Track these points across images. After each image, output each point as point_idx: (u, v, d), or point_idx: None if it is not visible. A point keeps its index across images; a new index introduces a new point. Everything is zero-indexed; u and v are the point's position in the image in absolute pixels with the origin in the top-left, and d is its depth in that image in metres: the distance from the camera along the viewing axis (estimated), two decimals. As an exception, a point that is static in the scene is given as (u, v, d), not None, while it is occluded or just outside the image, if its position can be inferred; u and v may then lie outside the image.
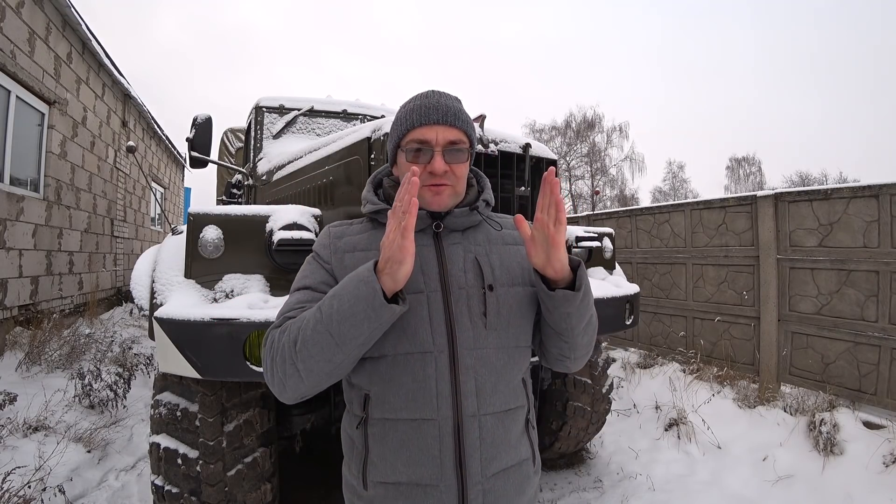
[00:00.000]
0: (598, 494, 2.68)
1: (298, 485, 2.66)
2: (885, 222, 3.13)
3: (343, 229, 0.98)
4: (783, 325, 3.74)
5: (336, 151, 2.36)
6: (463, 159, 0.90)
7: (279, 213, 1.81)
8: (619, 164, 25.71)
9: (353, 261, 0.90)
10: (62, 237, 5.70)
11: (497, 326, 0.88)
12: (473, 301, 0.88)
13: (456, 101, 0.93)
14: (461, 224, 0.94)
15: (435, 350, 0.84)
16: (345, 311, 0.76)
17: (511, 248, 0.97)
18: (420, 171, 0.84)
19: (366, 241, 0.93)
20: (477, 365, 0.85)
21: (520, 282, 0.93)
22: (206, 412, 1.76)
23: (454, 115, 0.89)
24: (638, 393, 4.03)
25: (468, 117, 0.92)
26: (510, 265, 0.94)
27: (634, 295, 2.55)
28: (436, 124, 0.87)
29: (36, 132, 5.27)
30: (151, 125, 10.07)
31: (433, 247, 0.91)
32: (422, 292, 0.87)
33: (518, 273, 0.94)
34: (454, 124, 0.88)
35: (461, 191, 0.94)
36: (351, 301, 0.76)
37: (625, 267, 5.22)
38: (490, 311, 0.88)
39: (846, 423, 2.88)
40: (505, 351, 0.89)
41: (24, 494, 2.11)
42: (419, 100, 0.91)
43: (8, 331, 4.40)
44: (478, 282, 0.89)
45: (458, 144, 0.89)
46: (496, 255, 0.94)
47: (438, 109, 0.88)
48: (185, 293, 1.69)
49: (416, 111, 0.89)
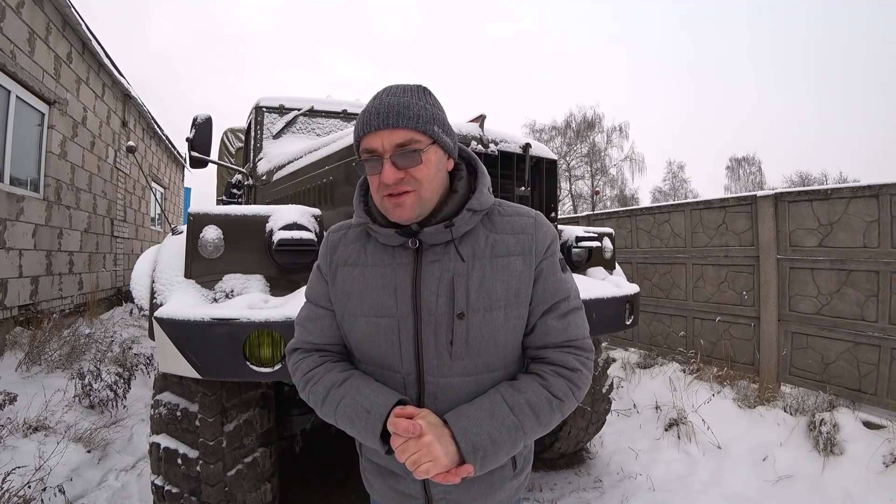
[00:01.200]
0: (598, 494, 2.68)
1: (298, 485, 2.66)
2: (885, 222, 3.13)
3: (339, 237, 0.97)
4: (783, 325, 3.74)
5: (336, 151, 2.36)
6: (418, 161, 0.80)
7: (279, 213, 1.81)
8: (619, 164, 25.72)
9: (342, 278, 0.92)
10: (62, 237, 5.70)
11: (464, 355, 0.84)
12: (441, 329, 0.84)
13: (409, 94, 0.82)
14: (439, 239, 0.85)
15: (403, 372, 0.87)
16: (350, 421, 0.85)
17: (499, 263, 0.86)
18: (377, 183, 0.82)
19: (356, 255, 0.92)
20: (438, 393, 0.86)
21: (501, 304, 0.85)
22: (206, 412, 1.76)
23: (397, 114, 0.79)
24: (638, 393, 4.03)
25: (422, 110, 0.81)
26: (491, 286, 0.85)
27: (634, 295, 2.55)
28: (378, 129, 0.79)
29: (36, 132, 5.27)
30: (151, 125, 10.07)
31: (411, 265, 0.86)
32: (393, 317, 0.86)
33: (500, 294, 0.85)
34: (397, 125, 0.79)
35: (431, 195, 0.84)
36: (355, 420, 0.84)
37: (625, 267, 5.22)
38: (457, 341, 0.84)
39: (846, 423, 2.88)
40: (472, 378, 0.86)
41: (24, 494, 2.11)
42: (367, 105, 0.83)
43: (8, 331, 4.39)
44: (448, 308, 0.84)
45: (409, 145, 0.79)
46: (478, 272, 0.85)
47: (380, 113, 0.80)
48: (185, 293, 1.69)
49: (361, 119, 0.82)
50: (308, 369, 0.92)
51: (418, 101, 0.82)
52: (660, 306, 4.91)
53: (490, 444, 0.78)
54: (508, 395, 0.83)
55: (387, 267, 0.88)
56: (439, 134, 0.83)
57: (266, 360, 1.56)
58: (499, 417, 0.80)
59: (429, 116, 0.81)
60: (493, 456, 0.79)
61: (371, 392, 0.84)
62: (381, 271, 0.88)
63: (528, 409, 0.81)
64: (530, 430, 0.82)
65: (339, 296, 0.92)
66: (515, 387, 0.84)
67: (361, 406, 0.83)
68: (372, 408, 0.82)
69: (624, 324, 2.46)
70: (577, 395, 0.87)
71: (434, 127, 0.82)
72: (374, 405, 0.82)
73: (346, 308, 0.91)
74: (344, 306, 0.91)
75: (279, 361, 1.56)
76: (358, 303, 0.89)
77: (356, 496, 2.58)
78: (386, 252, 0.89)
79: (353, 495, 2.59)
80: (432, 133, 0.81)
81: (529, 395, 0.83)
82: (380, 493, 0.97)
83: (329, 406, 0.86)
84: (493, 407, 0.81)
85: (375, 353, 0.89)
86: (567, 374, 0.86)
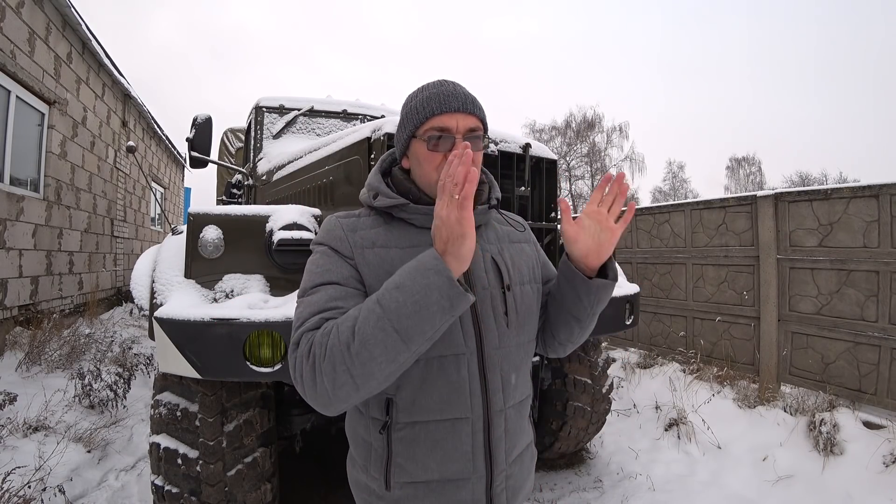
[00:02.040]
0: (598, 494, 2.68)
1: (298, 485, 2.66)
2: (885, 222, 3.13)
3: (353, 222, 0.91)
4: (783, 325, 3.74)
5: (336, 151, 2.36)
6: (481, 147, 0.89)
7: (279, 213, 1.81)
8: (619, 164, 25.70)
9: (377, 258, 0.85)
10: (62, 237, 5.70)
11: (516, 324, 0.91)
12: (496, 301, 0.89)
13: (469, 90, 0.93)
14: (477, 221, 0.91)
15: (467, 352, 0.86)
16: (416, 303, 0.70)
17: (516, 247, 0.99)
18: (439, 161, 0.85)
19: (384, 237, 0.88)
20: (502, 363, 0.89)
21: (528, 279, 0.96)
22: (206, 412, 1.76)
23: (472, 102, 0.88)
24: (638, 393, 4.03)
25: (482, 105, 0.92)
26: (519, 264, 0.96)
27: (634, 295, 2.55)
28: (455, 112, 0.86)
29: (36, 132, 5.27)
30: (151, 125, 10.07)
31: None
32: None
33: (526, 271, 0.97)
34: (472, 111, 0.87)
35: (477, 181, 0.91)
36: (422, 292, 0.70)
37: (625, 267, 5.22)
38: (510, 311, 0.90)
39: (846, 423, 2.88)
40: (522, 347, 0.93)
41: (24, 494, 2.11)
42: (434, 88, 0.89)
43: (8, 331, 4.39)
44: (497, 281, 0.90)
45: (477, 131, 0.88)
46: (507, 253, 0.95)
47: (457, 97, 0.87)
48: (185, 293, 1.69)
49: (435, 99, 0.87)
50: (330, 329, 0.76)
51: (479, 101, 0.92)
52: (660, 306, 4.91)
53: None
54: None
55: (428, 246, 0.80)
56: (488, 129, 0.94)
57: (266, 360, 1.56)
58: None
59: (485, 112, 0.92)
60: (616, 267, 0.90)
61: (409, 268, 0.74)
62: (424, 251, 0.80)
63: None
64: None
65: (381, 276, 0.81)
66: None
67: (409, 270, 0.73)
68: (423, 262, 0.73)
69: (624, 324, 2.46)
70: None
71: (487, 122, 0.93)
72: (422, 261, 0.73)
73: None
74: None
75: (279, 361, 1.56)
76: None
77: (356, 496, 2.58)
78: (421, 234, 0.88)
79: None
80: (487, 127, 0.93)
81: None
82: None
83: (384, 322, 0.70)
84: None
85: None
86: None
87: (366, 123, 2.26)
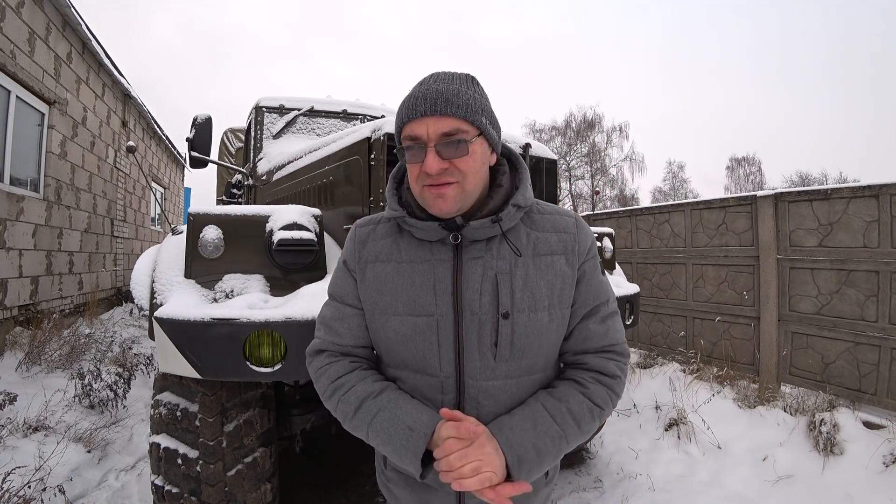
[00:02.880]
0: (598, 494, 2.68)
1: (298, 485, 2.66)
2: (885, 222, 3.13)
3: (368, 231, 0.91)
4: (783, 325, 3.74)
5: (336, 151, 2.36)
6: (463, 152, 0.76)
7: (279, 213, 1.81)
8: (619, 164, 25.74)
9: (373, 274, 0.87)
10: (62, 237, 5.70)
11: (508, 357, 0.81)
12: (485, 329, 0.81)
13: (457, 82, 0.79)
14: (483, 234, 0.82)
15: (441, 376, 0.82)
16: (383, 444, 0.79)
17: (542, 261, 0.84)
18: (417, 172, 0.78)
19: (388, 250, 0.87)
20: (480, 397, 0.82)
21: (544, 305, 0.82)
22: (206, 412, 1.76)
23: (445, 101, 0.75)
24: (638, 393, 4.02)
25: (471, 99, 0.77)
26: (535, 285, 0.82)
27: (634, 295, 2.55)
28: (424, 116, 0.75)
29: (36, 132, 5.27)
30: (151, 125, 10.07)
31: (450, 262, 0.82)
32: (431, 316, 0.81)
33: (544, 294, 0.82)
34: (445, 112, 0.74)
35: (473, 189, 0.80)
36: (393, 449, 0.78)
37: (625, 267, 5.22)
38: (502, 342, 0.80)
39: (846, 423, 2.87)
40: (514, 381, 0.83)
41: (24, 494, 2.11)
42: (413, 89, 0.79)
43: (8, 331, 4.39)
44: (493, 307, 0.80)
45: (455, 135, 0.75)
46: (521, 270, 0.82)
47: (427, 98, 0.75)
48: (185, 293, 1.69)
49: (406, 104, 0.78)
50: (337, 376, 0.85)
51: (467, 90, 0.78)
52: (660, 306, 4.91)
53: (535, 454, 0.76)
54: (550, 405, 0.80)
55: (424, 263, 0.83)
56: (486, 126, 0.79)
57: (266, 360, 1.56)
58: (542, 427, 0.78)
59: (477, 106, 0.78)
60: (536, 467, 0.76)
61: (413, 408, 0.79)
62: (419, 267, 0.83)
63: (571, 418, 0.79)
64: (573, 438, 0.80)
65: (371, 293, 0.86)
66: (555, 395, 0.82)
67: (402, 422, 0.77)
68: (415, 425, 0.76)
69: (624, 324, 2.46)
70: (615, 402, 0.85)
71: (482, 118, 0.78)
72: (418, 422, 0.76)
73: (378, 306, 0.85)
74: (375, 304, 0.85)
75: (279, 361, 1.56)
76: (392, 300, 0.83)
77: (356, 496, 2.58)
78: (422, 248, 0.84)
79: (353, 495, 2.59)
80: (480, 124, 0.77)
81: (571, 404, 0.80)
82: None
83: (362, 419, 0.80)
84: (536, 416, 0.79)
85: (409, 355, 0.83)
86: (607, 382, 0.84)
87: (366, 123, 2.26)
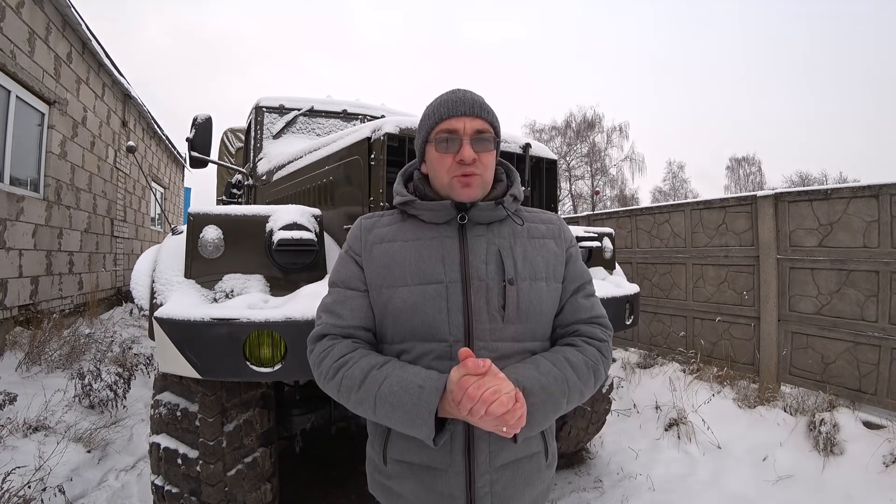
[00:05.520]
0: (598, 494, 2.68)
1: (298, 485, 2.66)
2: (885, 222, 3.13)
3: (373, 221, 1.02)
4: (783, 325, 3.74)
5: (336, 151, 2.36)
6: (490, 148, 0.94)
7: (279, 213, 1.81)
8: (619, 164, 25.74)
9: (381, 252, 0.95)
10: (62, 237, 5.70)
11: (514, 320, 0.90)
12: (493, 294, 0.90)
13: (480, 96, 0.99)
14: (486, 217, 0.95)
15: (451, 340, 0.88)
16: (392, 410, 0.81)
17: (536, 242, 0.99)
18: (449, 163, 0.92)
19: (393, 233, 0.97)
20: (490, 358, 0.84)
21: (542, 276, 0.95)
22: (206, 412, 1.76)
23: (479, 106, 0.94)
24: (638, 393, 4.02)
25: (493, 110, 0.97)
26: (534, 259, 0.96)
27: (634, 295, 2.55)
28: (463, 115, 0.92)
29: (36, 132, 5.27)
30: (151, 125, 10.07)
31: (456, 238, 0.94)
32: (441, 283, 0.90)
33: (542, 267, 0.96)
34: (479, 115, 0.93)
35: (489, 181, 0.97)
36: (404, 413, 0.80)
37: (625, 267, 5.22)
38: (509, 305, 0.90)
39: (846, 423, 2.88)
40: (520, 345, 0.91)
41: (24, 494, 2.11)
42: (446, 95, 0.97)
43: (8, 331, 4.39)
44: (498, 274, 0.91)
45: (485, 133, 0.93)
46: (520, 248, 0.96)
47: (465, 102, 0.93)
48: (185, 293, 1.69)
49: (444, 105, 0.94)
50: (340, 355, 0.89)
51: (489, 105, 0.98)
52: (660, 306, 4.91)
53: (540, 389, 0.82)
54: (548, 356, 0.90)
55: (432, 239, 0.94)
56: (499, 132, 0.99)
57: (266, 360, 1.56)
58: (544, 369, 0.86)
59: (496, 117, 0.98)
60: (542, 407, 0.82)
61: (420, 370, 0.83)
62: (427, 243, 0.94)
63: (568, 365, 0.88)
64: (573, 384, 0.87)
65: (378, 269, 0.94)
66: (552, 350, 0.93)
67: (412, 382, 0.80)
68: (425, 383, 0.80)
69: (624, 324, 2.46)
70: (606, 366, 0.94)
71: (499, 126, 0.98)
72: (428, 380, 0.80)
73: (386, 280, 0.92)
74: (383, 279, 0.93)
75: (279, 361, 1.56)
76: (400, 273, 0.92)
77: (356, 496, 2.58)
78: (429, 228, 0.96)
79: (353, 495, 2.59)
80: (498, 131, 0.98)
81: (567, 354, 0.90)
82: (411, 496, 0.92)
83: (368, 388, 0.82)
84: (537, 362, 0.88)
85: (419, 321, 0.89)
86: (596, 344, 0.95)
87: (366, 123, 2.26)
